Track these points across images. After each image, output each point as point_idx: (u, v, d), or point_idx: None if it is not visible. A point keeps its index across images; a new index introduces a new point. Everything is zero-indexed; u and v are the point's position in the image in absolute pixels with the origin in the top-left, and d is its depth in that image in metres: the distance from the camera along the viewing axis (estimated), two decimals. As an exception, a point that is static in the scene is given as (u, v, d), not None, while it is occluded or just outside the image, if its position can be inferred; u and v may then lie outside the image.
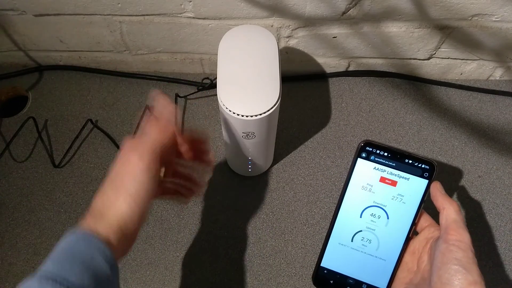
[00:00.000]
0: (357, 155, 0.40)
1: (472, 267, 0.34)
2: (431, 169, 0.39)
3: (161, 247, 0.59)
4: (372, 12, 0.60)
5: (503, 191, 0.64)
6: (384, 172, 0.40)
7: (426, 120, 0.70)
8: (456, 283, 0.34)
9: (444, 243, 0.36)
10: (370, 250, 0.41)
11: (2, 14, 0.63)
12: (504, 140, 0.68)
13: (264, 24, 0.62)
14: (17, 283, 0.31)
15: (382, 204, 0.40)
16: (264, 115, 0.47)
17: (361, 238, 0.41)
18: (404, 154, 0.39)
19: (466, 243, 0.36)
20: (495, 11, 0.59)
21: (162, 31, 0.64)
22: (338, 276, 0.41)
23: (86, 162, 0.65)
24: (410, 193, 0.40)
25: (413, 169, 0.39)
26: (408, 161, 0.39)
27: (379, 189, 0.40)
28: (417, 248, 0.40)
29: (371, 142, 0.40)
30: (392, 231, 0.40)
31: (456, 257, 0.35)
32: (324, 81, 0.73)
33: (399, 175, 0.40)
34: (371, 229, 0.40)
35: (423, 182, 0.39)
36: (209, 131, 0.68)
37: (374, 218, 0.40)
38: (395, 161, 0.40)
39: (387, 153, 0.40)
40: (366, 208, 0.40)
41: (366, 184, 0.40)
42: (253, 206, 0.62)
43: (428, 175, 0.39)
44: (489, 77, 0.74)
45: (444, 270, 0.35)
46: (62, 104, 0.70)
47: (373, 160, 0.40)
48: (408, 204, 0.40)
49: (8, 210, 0.62)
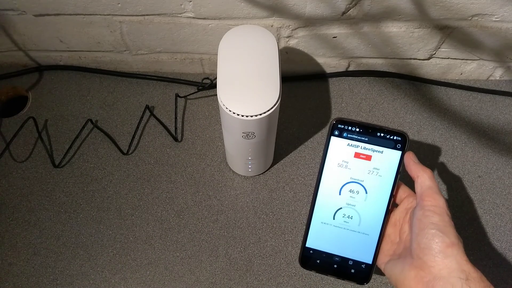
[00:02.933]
0: (330, 133, 0.41)
1: (448, 229, 0.35)
2: (403, 140, 0.40)
3: (161, 247, 0.59)
4: (372, 12, 0.60)
5: (503, 191, 0.64)
6: (357, 147, 0.40)
7: (426, 120, 0.70)
8: (434, 247, 0.35)
9: (420, 209, 0.37)
10: (353, 226, 0.41)
11: (2, 14, 0.63)
12: (504, 140, 0.68)
13: (264, 24, 0.62)
14: (17, 283, 0.31)
15: (359, 180, 0.41)
16: (264, 115, 0.47)
17: (342, 215, 0.41)
18: (375, 127, 0.40)
19: (442, 207, 0.37)
20: (495, 11, 0.59)
21: (162, 31, 0.64)
22: (324, 255, 0.42)
23: (86, 162, 0.65)
24: (385, 165, 0.40)
25: (386, 141, 0.40)
26: (380, 134, 0.40)
27: (355, 164, 0.41)
28: (398, 219, 0.41)
29: (342, 119, 0.40)
30: (372, 205, 0.41)
31: (433, 222, 0.36)
32: (324, 81, 0.73)
33: (372, 149, 0.40)
34: (351, 205, 0.41)
35: (396, 153, 0.40)
36: (209, 131, 0.68)
37: (353, 194, 0.41)
38: (367, 136, 0.40)
39: (359, 129, 0.40)
40: (344, 184, 0.41)
41: (342, 161, 0.41)
42: (253, 206, 0.62)
43: (401, 146, 0.40)
44: (489, 77, 0.74)
45: (422, 235, 0.36)
46: (62, 104, 0.70)
47: (346, 137, 0.41)
48: (384, 177, 0.40)
49: (8, 210, 0.62)
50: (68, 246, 0.59)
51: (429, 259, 0.35)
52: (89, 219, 0.61)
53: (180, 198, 0.63)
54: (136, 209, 0.62)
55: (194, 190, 0.63)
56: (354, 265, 0.41)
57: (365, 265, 0.41)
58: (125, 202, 0.62)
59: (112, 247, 0.59)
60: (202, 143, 0.67)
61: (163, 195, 0.63)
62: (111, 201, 0.62)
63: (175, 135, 0.67)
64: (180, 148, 0.67)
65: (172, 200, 0.63)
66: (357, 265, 0.41)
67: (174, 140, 0.67)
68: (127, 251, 0.59)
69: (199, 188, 0.63)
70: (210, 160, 0.66)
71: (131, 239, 0.60)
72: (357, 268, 0.41)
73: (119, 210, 0.62)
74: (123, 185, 0.64)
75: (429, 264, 0.34)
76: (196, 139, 0.67)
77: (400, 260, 0.38)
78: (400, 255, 0.39)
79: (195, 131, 0.68)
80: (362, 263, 0.41)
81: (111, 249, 0.59)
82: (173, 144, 0.67)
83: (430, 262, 0.34)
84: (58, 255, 0.59)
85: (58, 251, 0.59)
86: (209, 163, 0.65)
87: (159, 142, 0.67)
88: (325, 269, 0.42)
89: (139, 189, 0.63)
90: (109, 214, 0.61)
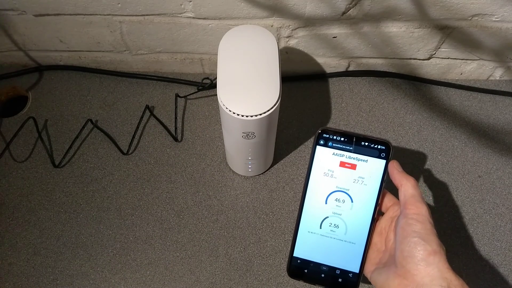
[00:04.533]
0: (316, 142, 0.41)
1: (430, 237, 0.35)
2: (387, 149, 0.40)
3: (161, 247, 0.59)
4: (372, 12, 0.60)
5: (503, 191, 0.64)
6: (342, 156, 0.41)
7: (426, 120, 0.70)
8: (416, 255, 0.35)
9: (404, 218, 0.37)
10: (339, 235, 0.41)
11: (2, 14, 0.63)
12: (504, 140, 0.68)
13: (264, 24, 0.62)
14: (17, 283, 0.31)
15: (345, 188, 0.41)
16: (264, 115, 0.47)
17: (328, 224, 0.41)
18: (359, 137, 0.40)
19: (424, 215, 0.37)
20: (495, 11, 0.59)
21: (162, 31, 0.64)
22: (312, 264, 0.42)
23: (86, 162, 0.65)
24: (370, 174, 0.40)
25: (370, 150, 0.40)
26: (364, 143, 0.40)
27: (340, 173, 0.41)
28: (383, 227, 0.41)
29: (327, 129, 0.41)
30: (357, 214, 0.41)
31: (415, 230, 0.36)
32: (324, 81, 0.73)
33: (357, 158, 0.40)
34: (337, 214, 0.41)
35: (381, 162, 0.40)
36: (209, 131, 0.68)
37: (339, 203, 0.41)
38: (352, 145, 0.41)
39: (343, 138, 0.41)
40: (330, 193, 0.41)
41: (327, 170, 0.41)
42: (253, 206, 0.62)
43: (385, 155, 0.40)
44: (489, 77, 0.74)
45: (405, 243, 0.36)
46: (62, 104, 0.70)
47: (331, 146, 0.41)
48: (369, 186, 0.40)
49: (8, 210, 0.62)
50: (68, 246, 0.59)
51: (412, 267, 0.35)
52: (89, 219, 0.61)
53: (180, 198, 0.63)
54: (136, 209, 0.62)
55: (194, 190, 0.63)
56: (342, 274, 0.41)
57: (352, 274, 0.41)
58: (125, 202, 0.62)
59: (112, 247, 0.59)
60: (202, 143, 0.67)
61: (163, 195, 0.63)
62: (111, 201, 0.62)
63: (175, 135, 0.67)
64: (180, 148, 0.67)
65: (172, 200, 0.63)
66: (345, 274, 0.41)
67: (174, 140, 0.67)
68: (127, 251, 0.59)
69: (199, 188, 0.63)
70: (210, 160, 0.66)
71: (131, 239, 0.60)
72: (345, 277, 0.41)
73: (119, 210, 0.62)
74: (123, 185, 0.64)
75: (412, 273, 0.35)
76: (196, 139, 0.67)
77: (385, 269, 0.38)
78: (386, 264, 0.39)
79: (195, 131, 0.68)
80: (349, 272, 0.41)
81: (111, 249, 0.59)
82: (173, 144, 0.67)
83: (413, 271, 0.35)
84: (58, 255, 0.59)
85: (58, 251, 0.59)
86: (209, 163, 0.65)
87: (159, 142, 0.67)
88: (313, 279, 0.42)
89: (139, 189, 0.63)
90: (109, 214, 0.61)
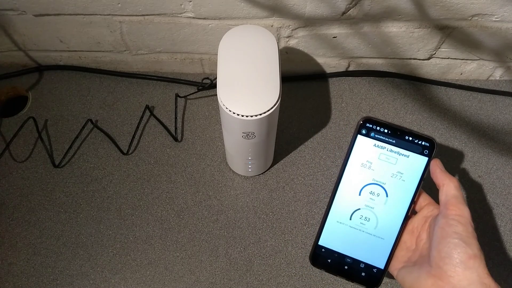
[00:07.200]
0: (357, 131, 0.39)
1: (471, 241, 0.35)
2: (431, 146, 0.39)
3: (161, 247, 0.59)
4: (372, 12, 0.60)
5: (503, 191, 0.64)
6: (384, 149, 0.39)
7: (426, 120, 0.70)
8: (455, 256, 0.34)
9: (444, 218, 0.36)
10: (369, 228, 0.40)
11: (2, 14, 0.63)
12: (504, 140, 0.68)
13: (264, 24, 0.62)
14: (17, 283, 0.31)
15: (382, 182, 0.39)
16: (264, 115, 0.47)
17: (359, 216, 0.40)
18: (404, 131, 0.39)
19: (466, 217, 0.36)
20: (495, 11, 0.59)
21: (162, 31, 0.64)
22: (336, 255, 0.41)
23: (86, 162, 0.65)
24: (410, 170, 0.39)
25: (413, 146, 0.39)
26: (408, 138, 0.39)
27: (379, 166, 0.39)
28: (415, 226, 0.40)
29: (371, 119, 0.39)
30: (391, 209, 0.40)
31: (456, 231, 0.35)
32: (324, 81, 0.73)
33: (399, 152, 0.39)
34: (370, 207, 0.40)
35: (423, 159, 0.39)
36: (209, 131, 0.68)
37: (373, 196, 0.40)
38: (395, 138, 0.39)
39: (387, 130, 0.39)
40: (365, 185, 0.40)
41: (366, 161, 0.39)
42: (253, 206, 0.62)
43: (428, 153, 0.39)
44: (489, 77, 0.74)
45: (444, 244, 0.35)
46: (62, 104, 0.70)
47: (373, 137, 0.39)
48: (407, 182, 0.39)
49: (8, 210, 0.62)
50: (68, 246, 0.59)
51: (449, 268, 0.34)
52: (89, 219, 0.61)
53: (180, 198, 0.63)
54: (136, 209, 0.62)
55: (194, 190, 0.63)
56: (365, 269, 0.40)
57: (376, 270, 0.40)
58: (125, 202, 0.62)
59: (112, 247, 0.59)
60: (202, 143, 0.67)
61: (163, 195, 0.63)
62: (111, 201, 0.62)
63: (175, 135, 0.67)
64: (180, 148, 0.67)
65: (172, 200, 0.63)
66: (369, 269, 0.40)
67: (174, 140, 0.67)
68: (127, 251, 0.59)
69: (199, 188, 0.63)
70: (210, 160, 0.66)
71: (131, 239, 0.60)
72: (368, 271, 0.40)
73: (119, 210, 0.62)
74: (123, 185, 0.64)
75: (449, 274, 0.34)
76: (196, 139, 0.67)
77: (416, 268, 0.37)
78: (416, 263, 0.38)
79: (195, 131, 0.68)
80: (374, 267, 0.40)
81: (111, 249, 0.59)
82: (173, 144, 0.67)
83: (450, 272, 0.34)
84: (58, 255, 0.59)
85: (58, 251, 0.59)
86: (209, 163, 0.65)
87: (159, 142, 0.67)
88: (335, 269, 0.41)
89: (139, 189, 0.63)
90: (109, 214, 0.61)
